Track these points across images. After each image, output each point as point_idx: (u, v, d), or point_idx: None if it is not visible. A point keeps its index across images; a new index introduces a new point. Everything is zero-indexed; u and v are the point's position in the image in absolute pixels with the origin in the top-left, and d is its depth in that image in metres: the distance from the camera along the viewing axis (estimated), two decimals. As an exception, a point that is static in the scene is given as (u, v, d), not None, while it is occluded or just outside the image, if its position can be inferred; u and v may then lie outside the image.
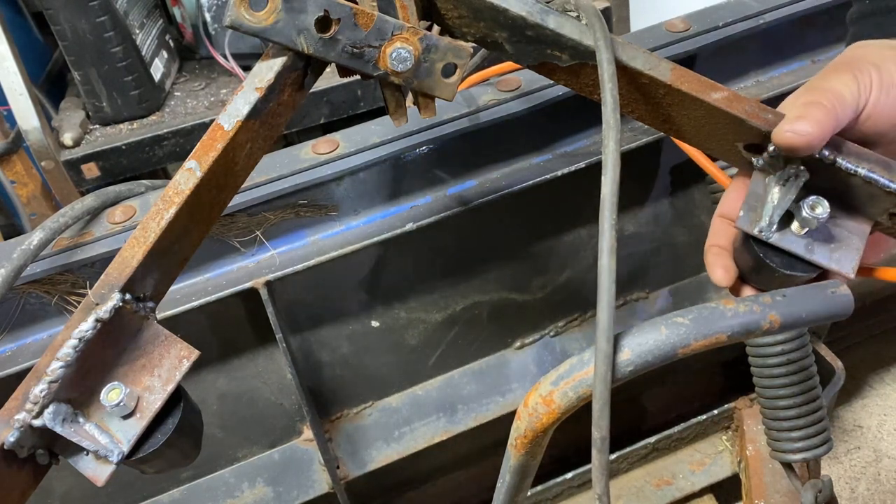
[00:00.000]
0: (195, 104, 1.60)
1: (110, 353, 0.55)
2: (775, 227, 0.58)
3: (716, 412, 1.19)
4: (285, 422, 1.05)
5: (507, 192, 0.98)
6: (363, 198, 0.97)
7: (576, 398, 0.50)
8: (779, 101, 0.59)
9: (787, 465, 1.01)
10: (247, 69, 1.60)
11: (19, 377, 0.55)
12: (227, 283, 0.92)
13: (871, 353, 1.73)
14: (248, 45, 1.61)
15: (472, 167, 1.00)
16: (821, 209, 0.57)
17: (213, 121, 0.57)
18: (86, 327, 0.52)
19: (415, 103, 0.64)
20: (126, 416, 0.54)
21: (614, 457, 1.16)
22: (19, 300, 0.88)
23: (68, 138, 1.48)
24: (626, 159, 0.64)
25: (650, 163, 1.12)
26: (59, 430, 0.52)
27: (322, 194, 0.94)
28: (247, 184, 0.88)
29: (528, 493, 1.01)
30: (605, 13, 1.80)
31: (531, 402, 0.53)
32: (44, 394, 0.51)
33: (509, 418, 0.58)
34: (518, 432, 0.55)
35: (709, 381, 1.35)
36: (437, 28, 0.62)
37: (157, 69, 1.59)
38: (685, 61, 1.03)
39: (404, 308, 1.06)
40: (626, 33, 1.83)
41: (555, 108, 0.99)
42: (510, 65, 0.98)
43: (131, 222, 0.88)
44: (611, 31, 0.66)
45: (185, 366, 0.56)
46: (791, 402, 0.98)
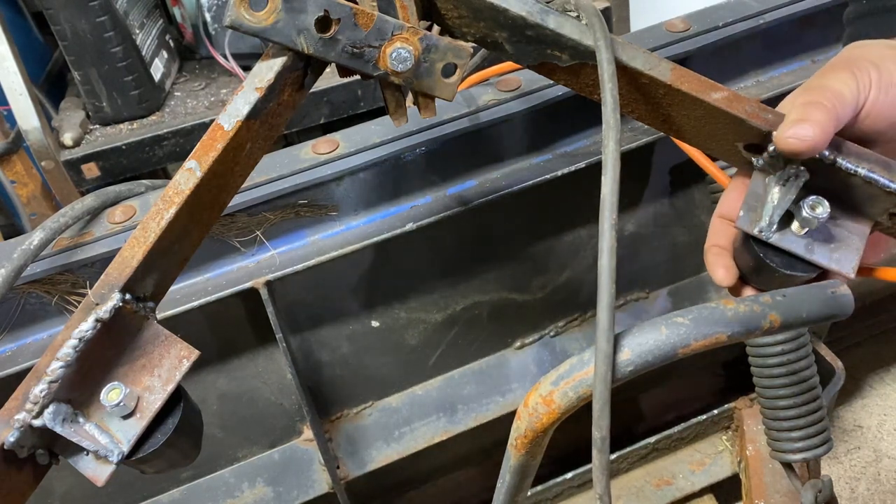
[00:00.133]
0: (195, 104, 1.60)
1: (110, 353, 0.55)
2: (775, 227, 0.58)
3: (716, 412, 1.19)
4: (285, 422, 1.05)
5: (506, 192, 0.98)
6: (363, 198, 0.97)
7: (576, 398, 0.50)
8: (779, 101, 0.59)
9: (787, 465, 1.01)
10: (247, 69, 1.60)
11: (19, 377, 0.55)
12: (227, 283, 0.92)
13: (871, 353, 1.73)
14: (248, 45, 1.61)
15: (472, 167, 1.00)
16: (821, 209, 0.57)
17: (213, 121, 0.57)
18: (86, 327, 0.52)
19: (415, 103, 0.64)
20: (126, 416, 0.54)
21: (614, 457, 1.16)
22: (19, 300, 0.88)
23: (68, 138, 1.48)
24: (626, 159, 0.64)
25: (650, 163, 1.11)
26: (59, 430, 0.52)
27: (322, 194, 0.94)
28: (247, 184, 0.88)
29: (528, 493, 1.01)
30: (605, 13, 1.80)
31: (531, 402, 0.53)
32: (44, 394, 0.51)
33: (509, 418, 0.58)
34: (518, 432, 0.55)
35: (709, 381, 1.35)
36: (437, 28, 0.62)
37: (157, 69, 1.59)
38: (685, 61, 1.03)
39: (404, 308, 1.06)
40: (626, 33, 1.83)
41: (555, 108, 0.99)
42: (510, 65, 0.98)
43: (131, 222, 0.88)
44: (611, 31, 0.66)
45: (185, 366, 0.56)
46: (791, 402, 0.97)
